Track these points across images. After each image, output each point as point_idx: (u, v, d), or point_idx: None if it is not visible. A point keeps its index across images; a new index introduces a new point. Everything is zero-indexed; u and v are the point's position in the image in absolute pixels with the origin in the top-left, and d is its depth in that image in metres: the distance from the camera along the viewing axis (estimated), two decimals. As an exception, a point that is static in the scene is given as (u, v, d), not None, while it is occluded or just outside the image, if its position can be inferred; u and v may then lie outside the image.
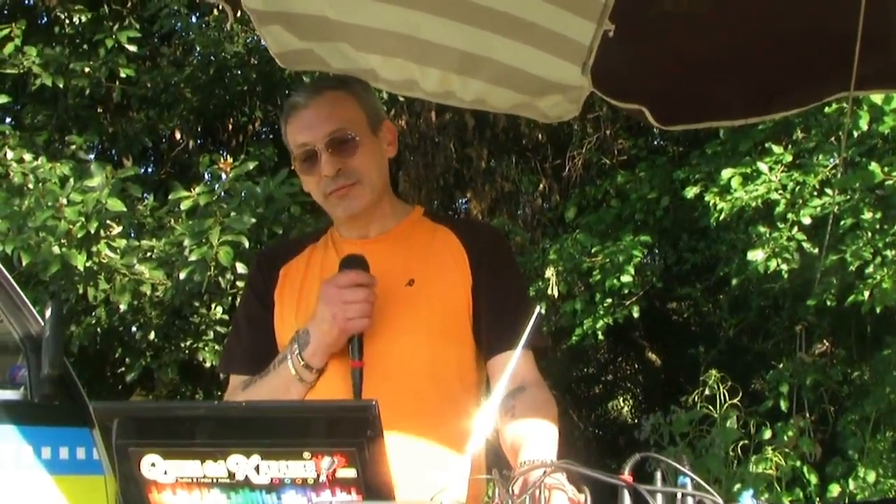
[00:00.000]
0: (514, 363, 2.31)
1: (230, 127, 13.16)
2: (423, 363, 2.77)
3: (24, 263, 8.20)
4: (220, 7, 3.19)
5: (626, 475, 1.85)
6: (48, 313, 5.18)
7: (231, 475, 1.93)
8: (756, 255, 8.28)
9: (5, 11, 11.89)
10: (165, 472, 1.95)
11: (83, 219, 8.25)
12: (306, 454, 1.89)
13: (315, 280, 2.86)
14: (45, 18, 12.20)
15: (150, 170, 13.12)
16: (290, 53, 3.36)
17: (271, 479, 1.92)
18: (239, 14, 3.21)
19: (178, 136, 12.52)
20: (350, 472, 1.89)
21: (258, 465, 1.91)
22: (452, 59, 3.54)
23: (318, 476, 1.89)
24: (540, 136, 11.97)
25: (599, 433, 14.45)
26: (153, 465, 1.95)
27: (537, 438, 2.55)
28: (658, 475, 1.87)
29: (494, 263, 2.88)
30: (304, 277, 2.91)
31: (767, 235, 8.32)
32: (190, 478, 1.95)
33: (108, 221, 8.55)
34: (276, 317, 2.90)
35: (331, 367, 2.76)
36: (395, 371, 2.72)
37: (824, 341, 9.49)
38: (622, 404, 15.30)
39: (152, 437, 1.98)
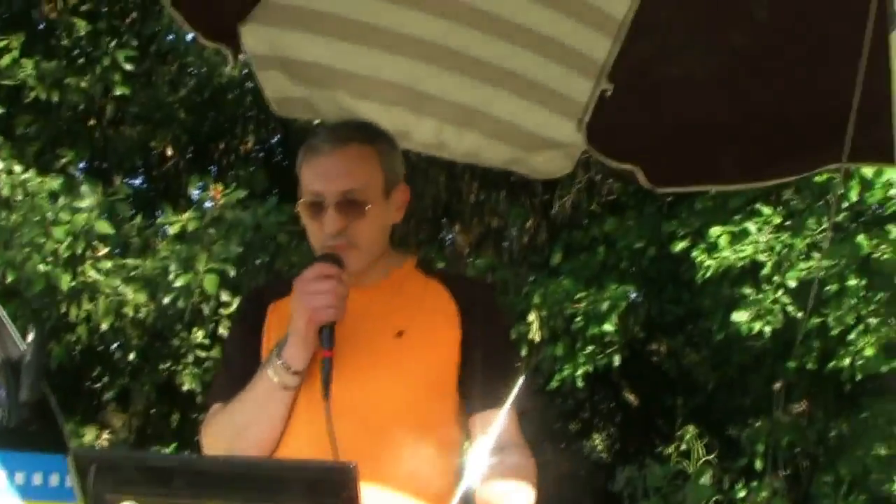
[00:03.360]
0: (498, 422, 2.31)
1: (222, 146, 13.16)
2: (406, 417, 2.75)
3: (8, 280, 8.18)
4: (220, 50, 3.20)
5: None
6: (30, 338, 5.18)
7: (206, 530, 1.93)
8: (740, 317, 8.31)
9: (4, 16, 11.89)
10: (141, 522, 1.95)
11: (70, 238, 8.26)
12: (282, 512, 1.90)
13: None
14: (43, 25, 12.21)
15: (139, 181, 13.12)
16: (285, 100, 3.37)
17: (246, 536, 1.92)
18: (241, 56, 3.23)
19: (168, 152, 12.52)
20: (325, 535, 1.89)
21: (233, 521, 1.92)
22: (449, 110, 3.56)
23: (294, 536, 1.89)
24: (530, 172, 11.94)
25: (573, 470, 14.40)
26: (129, 513, 1.95)
27: (512, 502, 2.55)
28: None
29: (485, 320, 2.87)
30: (290, 318, 2.90)
31: (752, 297, 8.34)
32: (165, 529, 1.95)
33: (94, 242, 8.55)
34: (263, 353, 2.89)
35: (305, 410, 2.75)
36: (377, 423, 2.71)
37: (802, 402, 9.51)
38: (598, 442, 15.26)
39: (129, 486, 1.98)
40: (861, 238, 7.86)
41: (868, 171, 7.67)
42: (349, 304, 2.71)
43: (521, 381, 2.48)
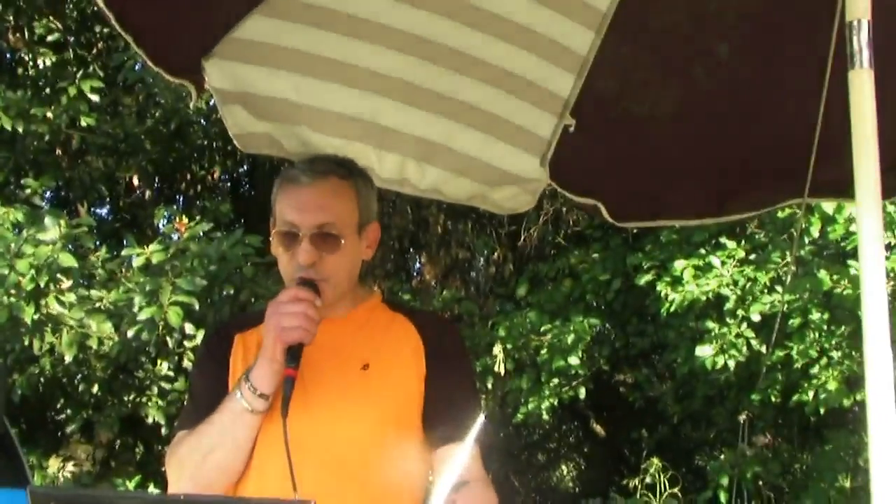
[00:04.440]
0: (461, 457, 2.30)
1: (188, 177, 13.14)
2: (370, 449, 2.75)
3: (-30, 312, 8.14)
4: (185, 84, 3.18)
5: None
6: (-9, 374, 5.15)
7: (164, 570, 1.92)
8: (704, 351, 8.34)
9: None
10: (97, 563, 1.94)
11: (34, 272, 8.20)
12: (240, 553, 1.89)
13: None
14: (9, 56, 12.19)
15: (104, 212, 13.08)
16: (248, 136, 3.36)
17: (204, 577, 1.91)
18: (204, 90, 3.22)
19: (135, 182, 12.50)
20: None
21: (191, 562, 1.91)
22: (412, 145, 3.56)
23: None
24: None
25: (541, 501, 14.40)
26: (86, 555, 1.94)
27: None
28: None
29: (449, 357, 2.88)
30: (257, 349, 2.88)
31: (716, 331, 8.38)
32: (121, 570, 1.93)
33: (58, 275, 8.49)
34: (230, 383, 2.87)
35: (266, 454, 2.74)
36: (341, 455, 2.71)
37: (766, 434, 9.54)
38: (565, 473, 15.26)
39: (87, 524, 1.97)
40: (823, 273, 7.90)
41: (829, 206, 7.72)
42: (315, 336, 2.71)
43: (482, 416, 2.48)
